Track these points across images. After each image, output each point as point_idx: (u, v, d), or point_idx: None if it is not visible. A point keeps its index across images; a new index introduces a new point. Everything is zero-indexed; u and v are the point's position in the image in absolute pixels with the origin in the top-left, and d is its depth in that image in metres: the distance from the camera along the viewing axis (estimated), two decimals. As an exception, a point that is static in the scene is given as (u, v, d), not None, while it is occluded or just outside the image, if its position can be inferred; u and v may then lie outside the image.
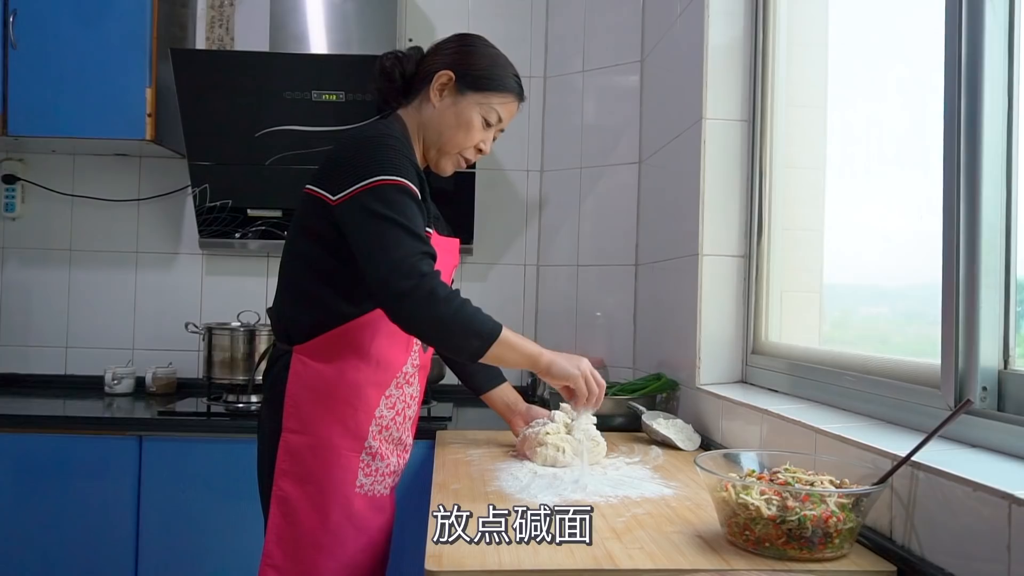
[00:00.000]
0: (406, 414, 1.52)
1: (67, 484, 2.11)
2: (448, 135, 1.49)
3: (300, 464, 1.40)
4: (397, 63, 1.52)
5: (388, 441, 1.48)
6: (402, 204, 1.33)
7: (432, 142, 1.51)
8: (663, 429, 1.77)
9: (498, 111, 1.50)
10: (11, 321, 2.71)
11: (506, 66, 1.52)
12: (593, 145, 2.61)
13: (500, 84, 1.49)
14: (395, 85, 1.53)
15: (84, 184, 2.72)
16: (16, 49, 2.35)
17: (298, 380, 1.41)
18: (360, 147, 1.39)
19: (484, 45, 1.53)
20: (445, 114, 1.48)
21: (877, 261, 1.58)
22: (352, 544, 1.42)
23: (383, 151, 1.37)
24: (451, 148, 1.50)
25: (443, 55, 1.50)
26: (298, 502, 1.40)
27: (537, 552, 1.02)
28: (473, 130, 1.49)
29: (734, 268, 1.86)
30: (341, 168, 1.38)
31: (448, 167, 1.54)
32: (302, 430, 1.40)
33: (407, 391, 1.52)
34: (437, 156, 1.52)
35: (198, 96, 2.37)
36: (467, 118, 1.48)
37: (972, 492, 0.89)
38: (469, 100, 1.48)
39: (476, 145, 1.52)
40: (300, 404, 1.41)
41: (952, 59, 1.11)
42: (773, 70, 1.82)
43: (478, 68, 1.48)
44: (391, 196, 1.33)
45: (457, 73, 1.47)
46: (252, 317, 2.54)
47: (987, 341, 1.07)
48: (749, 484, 1.02)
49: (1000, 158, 1.08)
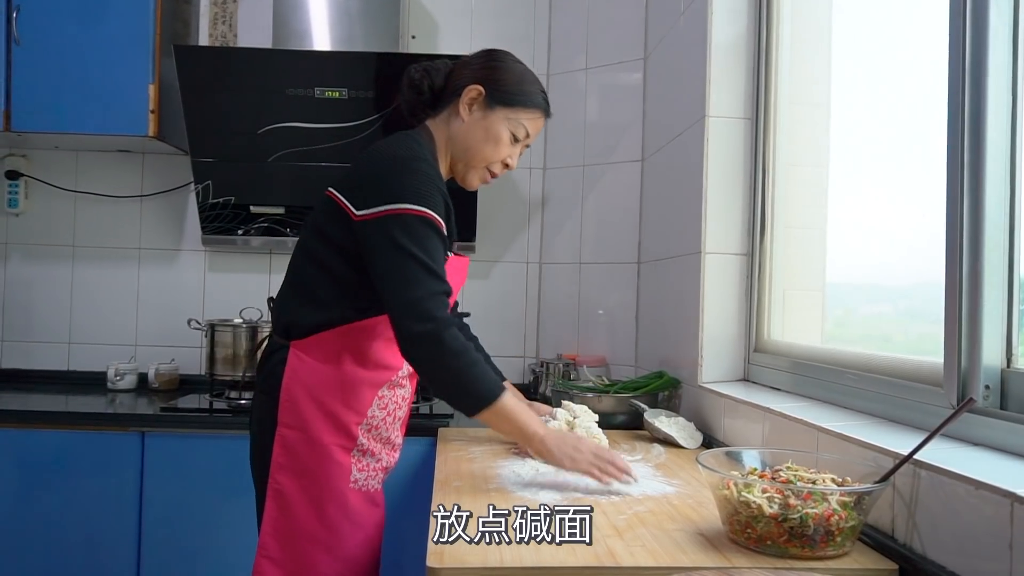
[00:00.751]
0: (396, 415, 1.53)
1: (70, 480, 2.11)
2: (476, 149, 1.50)
3: (296, 458, 1.41)
4: (426, 75, 1.53)
5: (377, 440, 1.49)
6: (425, 238, 1.35)
7: (460, 156, 1.52)
8: (665, 427, 1.77)
9: (526, 126, 1.51)
10: (14, 317, 2.72)
11: (534, 82, 1.53)
12: (596, 143, 2.61)
13: (529, 100, 1.50)
14: (423, 97, 1.54)
15: (87, 180, 2.72)
16: (20, 45, 2.35)
17: (294, 375, 1.42)
18: (391, 167, 1.39)
19: (513, 61, 1.54)
20: (474, 128, 1.49)
21: (880, 259, 1.58)
22: (349, 539, 1.43)
23: (413, 177, 1.37)
24: (479, 162, 1.51)
25: (472, 69, 1.51)
26: (294, 496, 1.41)
27: (539, 550, 1.02)
28: (501, 145, 1.50)
29: (737, 266, 1.86)
30: (368, 184, 1.39)
31: (475, 181, 1.55)
32: (297, 425, 1.41)
33: (399, 392, 1.53)
34: (464, 170, 1.53)
35: (201, 93, 2.37)
36: (496, 133, 1.49)
37: (974, 490, 0.89)
38: (498, 115, 1.49)
39: (503, 160, 1.53)
40: (295, 399, 1.42)
41: (956, 57, 1.11)
42: (776, 68, 1.82)
43: (507, 83, 1.49)
44: (416, 228, 1.34)
45: (487, 88, 1.48)
46: (254, 314, 2.54)
47: (990, 339, 1.07)
48: (751, 482, 1.02)
49: (1004, 156, 1.08)
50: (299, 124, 2.40)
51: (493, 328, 2.39)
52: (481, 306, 2.66)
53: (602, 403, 1.94)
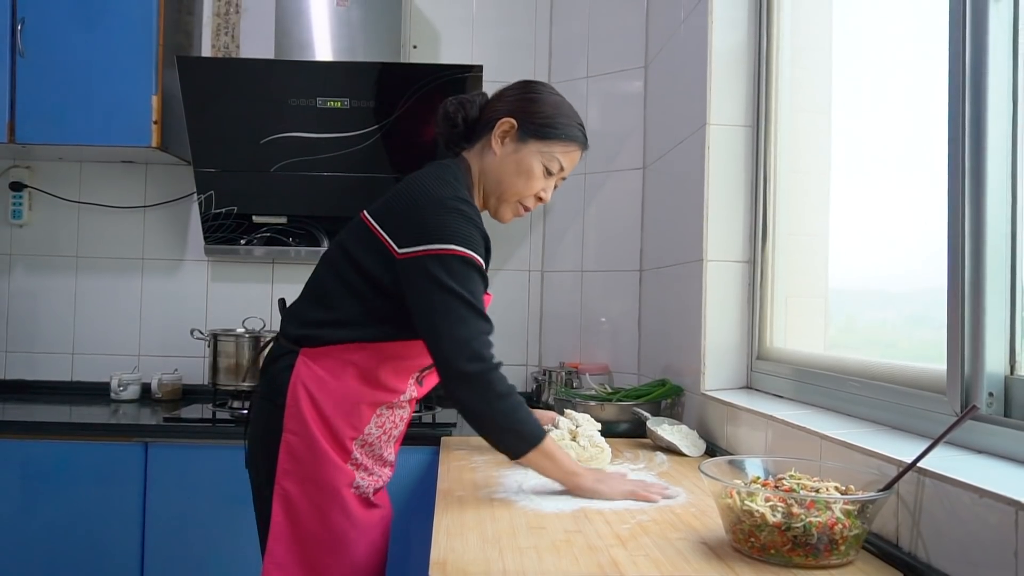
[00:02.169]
0: (391, 434, 1.54)
1: (73, 490, 2.11)
2: (508, 183, 1.49)
3: (300, 464, 1.42)
4: (460, 108, 1.52)
5: (370, 456, 1.50)
6: (469, 280, 1.35)
7: (492, 190, 1.51)
8: (668, 435, 1.77)
9: (560, 160, 1.48)
10: (18, 327, 2.72)
11: (570, 115, 1.50)
12: (597, 150, 2.61)
13: (563, 133, 1.48)
14: (458, 130, 1.53)
15: (90, 191, 2.73)
16: (24, 57, 2.36)
17: (299, 380, 1.42)
18: (435, 206, 1.38)
19: (549, 93, 1.51)
20: (506, 162, 1.48)
21: (882, 266, 1.58)
22: (355, 544, 1.43)
23: (458, 218, 1.37)
24: (511, 196, 1.50)
25: (506, 102, 1.50)
26: (299, 501, 1.42)
27: (542, 559, 1.02)
28: (534, 179, 1.48)
29: (739, 273, 1.86)
30: (412, 222, 1.39)
31: (507, 215, 1.54)
32: (301, 431, 1.42)
33: (398, 413, 1.53)
34: (497, 204, 1.53)
35: (204, 103, 2.38)
36: (528, 166, 1.47)
37: (978, 498, 0.88)
38: (531, 148, 1.47)
39: (536, 193, 1.51)
40: (300, 405, 1.42)
41: (956, 63, 1.11)
42: (777, 75, 1.82)
43: (541, 116, 1.47)
44: (460, 269, 1.35)
45: (519, 121, 1.46)
46: (257, 323, 2.54)
47: (993, 346, 1.06)
48: (754, 491, 1.02)
49: (1005, 162, 1.07)
50: (301, 134, 2.40)
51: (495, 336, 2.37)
52: (484, 314, 2.66)
53: (605, 411, 1.94)
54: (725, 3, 1.86)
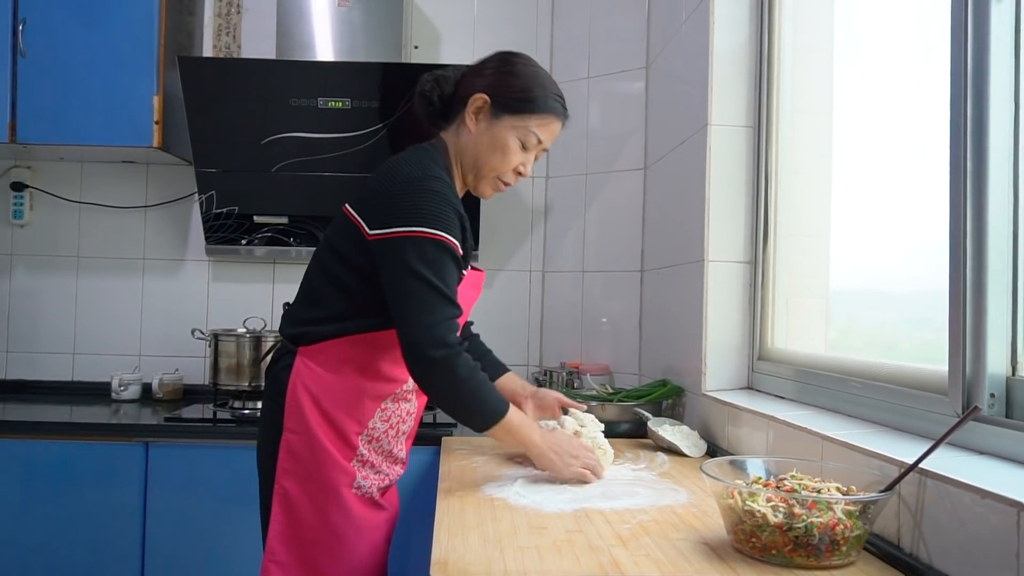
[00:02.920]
0: (400, 428, 1.53)
1: (74, 490, 2.11)
2: (484, 160, 1.47)
3: (300, 463, 1.42)
4: (436, 86, 1.51)
5: (378, 452, 1.49)
6: (439, 263, 1.35)
7: (469, 167, 1.50)
8: (669, 435, 1.77)
9: (536, 133, 1.47)
10: (19, 327, 2.72)
11: (546, 86, 1.48)
12: (598, 151, 2.61)
13: (537, 106, 1.45)
14: (434, 108, 1.52)
15: (92, 191, 2.73)
16: (25, 57, 2.36)
17: (299, 380, 1.43)
18: (405, 187, 1.38)
19: (524, 65, 1.49)
20: (481, 139, 1.47)
21: (884, 266, 1.58)
22: (354, 544, 1.43)
23: (428, 198, 1.36)
24: (487, 172, 1.49)
25: (481, 77, 1.48)
26: (299, 500, 1.41)
27: (543, 558, 1.02)
28: (510, 154, 1.47)
29: (740, 274, 1.86)
30: (382, 203, 1.39)
31: (487, 191, 1.53)
32: (301, 430, 1.42)
33: (404, 406, 1.52)
34: (475, 181, 1.52)
35: (205, 103, 2.38)
36: (503, 142, 1.46)
37: (980, 499, 0.88)
38: (505, 124, 1.45)
39: (515, 168, 1.50)
40: (300, 404, 1.42)
41: (958, 64, 1.11)
42: (778, 76, 1.82)
43: (514, 90, 1.45)
44: (430, 253, 1.34)
45: (492, 96, 1.45)
46: (258, 323, 2.54)
47: (995, 347, 1.06)
48: (755, 491, 1.01)
49: (1007, 163, 1.07)
50: (303, 134, 2.41)
51: (496, 336, 2.38)
52: (484, 315, 2.66)
53: (606, 411, 1.94)
54: (726, 4, 1.86)
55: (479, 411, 1.39)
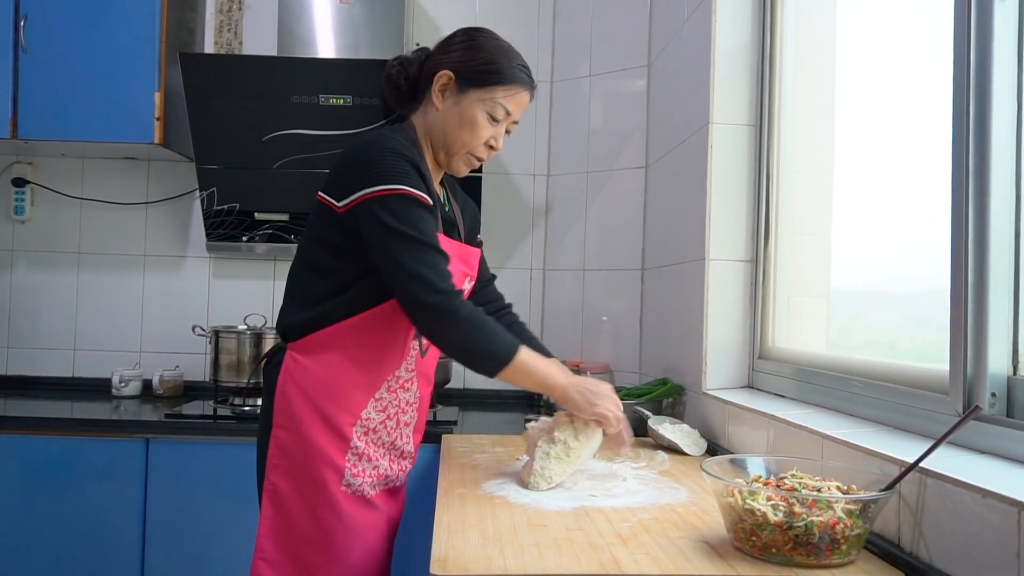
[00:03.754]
0: (400, 419, 1.51)
1: (74, 486, 2.11)
2: (453, 136, 1.47)
3: (289, 459, 1.41)
4: (401, 69, 1.50)
5: (377, 444, 1.48)
6: (409, 213, 1.35)
7: (439, 144, 1.50)
8: (669, 434, 1.76)
9: (504, 105, 1.45)
10: (20, 323, 2.72)
11: (510, 56, 1.47)
12: (600, 149, 2.61)
13: (503, 77, 1.44)
14: (402, 91, 1.52)
15: (93, 187, 2.73)
16: (27, 53, 2.36)
17: (288, 376, 1.42)
18: (362, 154, 1.40)
19: (486, 38, 1.48)
20: (448, 115, 1.46)
21: (885, 266, 1.58)
22: (343, 543, 1.41)
23: (385, 158, 1.37)
24: (458, 148, 1.48)
25: (445, 54, 1.47)
26: (288, 497, 1.41)
27: (543, 556, 1.02)
28: (478, 128, 1.45)
29: (741, 273, 1.86)
30: (345, 175, 1.40)
31: (461, 167, 1.52)
32: (290, 426, 1.41)
33: (402, 396, 1.51)
34: (447, 158, 1.51)
35: (206, 100, 2.38)
36: (470, 116, 1.45)
37: (981, 499, 0.88)
38: (471, 98, 1.44)
39: (486, 142, 1.49)
40: (289, 400, 1.42)
41: (961, 63, 1.11)
42: (780, 74, 1.82)
43: (478, 63, 1.44)
44: (397, 206, 1.35)
45: (456, 72, 1.44)
46: (259, 320, 2.54)
47: (996, 347, 1.06)
48: (756, 490, 1.01)
49: (1009, 162, 1.07)
50: (304, 131, 2.40)
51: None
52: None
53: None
54: (728, 2, 1.86)
55: (488, 352, 1.35)
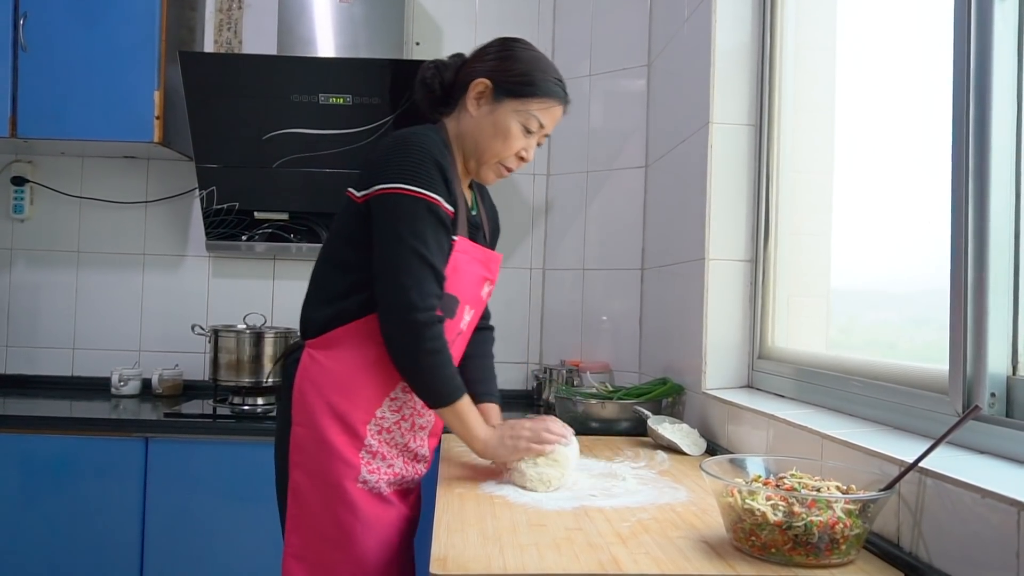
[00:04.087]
0: (415, 422, 1.50)
1: (73, 485, 2.12)
2: (485, 145, 1.47)
3: (308, 456, 1.42)
4: (437, 73, 1.51)
5: (390, 444, 1.47)
6: (415, 219, 1.35)
7: (470, 152, 1.50)
8: (669, 434, 1.76)
9: (538, 117, 1.46)
10: (19, 322, 2.72)
11: (547, 70, 1.48)
12: (599, 149, 2.61)
13: (539, 89, 1.45)
14: (435, 95, 1.52)
15: (92, 186, 2.73)
16: (26, 52, 2.36)
17: (305, 374, 1.43)
18: (392, 148, 1.40)
19: (523, 49, 1.49)
20: (482, 123, 1.46)
21: (885, 266, 1.58)
22: (360, 539, 1.41)
23: (413, 156, 1.37)
24: (489, 158, 1.48)
25: (481, 62, 1.48)
26: (308, 493, 1.42)
27: (542, 556, 1.02)
28: (511, 139, 1.46)
29: (741, 273, 1.86)
30: (371, 166, 1.41)
31: (489, 177, 1.52)
32: (307, 423, 1.42)
33: (418, 399, 1.48)
34: (477, 166, 1.51)
35: (206, 99, 2.38)
36: (504, 127, 1.45)
37: (980, 499, 0.88)
38: (506, 108, 1.45)
39: (517, 153, 1.49)
40: (306, 397, 1.42)
41: (961, 63, 1.11)
42: (780, 74, 1.82)
43: (515, 74, 1.45)
44: (411, 210, 1.35)
45: (494, 80, 1.45)
46: (258, 319, 2.54)
47: (996, 347, 1.06)
48: (755, 489, 1.01)
49: (1009, 162, 1.07)
50: (304, 130, 2.40)
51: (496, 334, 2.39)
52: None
53: (606, 409, 1.94)
54: (728, 2, 1.86)
55: (432, 388, 1.38)
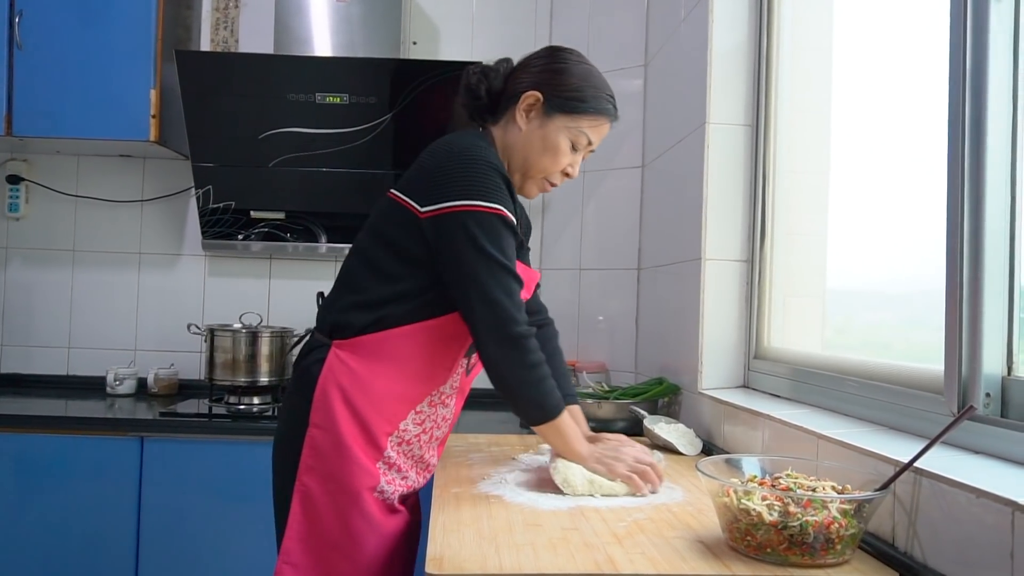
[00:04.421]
0: (433, 434, 1.47)
1: (68, 484, 2.11)
2: (534, 159, 1.42)
3: (324, 461, 1.35)
4: (483, 79, 1.46)
5: (407, 456, 1.42)
6: (500, 236, 1.31)
7: (517, 166, 1.45)
8: (665, 434, 1.77)
9: (588, 135, 1.42)
10: (14, 321, 2.72)
11: (599, 86, 1.44)
12: (597, 148, 2.60)
13: (591, 107, 1.41)
14: (481, 102, 1.47)
15: (88, 185, 2.72)
16: (22, 50, 2.36)
17: (331, 375, 1.36)
18: (459, 160, 1.33)
19: (576, 62, 1.44)
20: (531, 137, 1.42)
21: (880, 266, 1.58)
22: (371, 548, 1.37)
23: (485, 171, 1.32)
24: (536, 173, 1.44)
25: (532, 73, 1.43)
26: (320, 500, 1.35)
27: (538, 556, 1.02)
28: (560, 155, 1.42)
29: (737, 273, 1.86)
30: (435, 179, 1.33)
31: (533, 191, 1.49)
32: (327, 426, 1.35)
33: (440, 412, 1.46)
34: (521, 180, 1.46)
35: (202, 98, 2.37)
36: (554, 143, 1.41)
37: (975, 499, 0.88)
38: (557, 123, 1.40)
39: (563, 169, 1.46)
40: (329, 399, 1.35)
41: (956, 64, 1.11)
42: (776, 75, 1.82)
43: (568, 89, 1.40)
44: (490, 225, 1.30)
45: (545, 94, 1.40)
46: (254, 319, 2.54)
47: (990, 347, 1.07)
48: (751, 489, 1.01)
49: (1005, 163, 1.08)
50: (300, 129, 2.40)
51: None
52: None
53: (602, 409, 1.94)
54: (725, 2, 1.86)
55: (536, 403, 1.34)
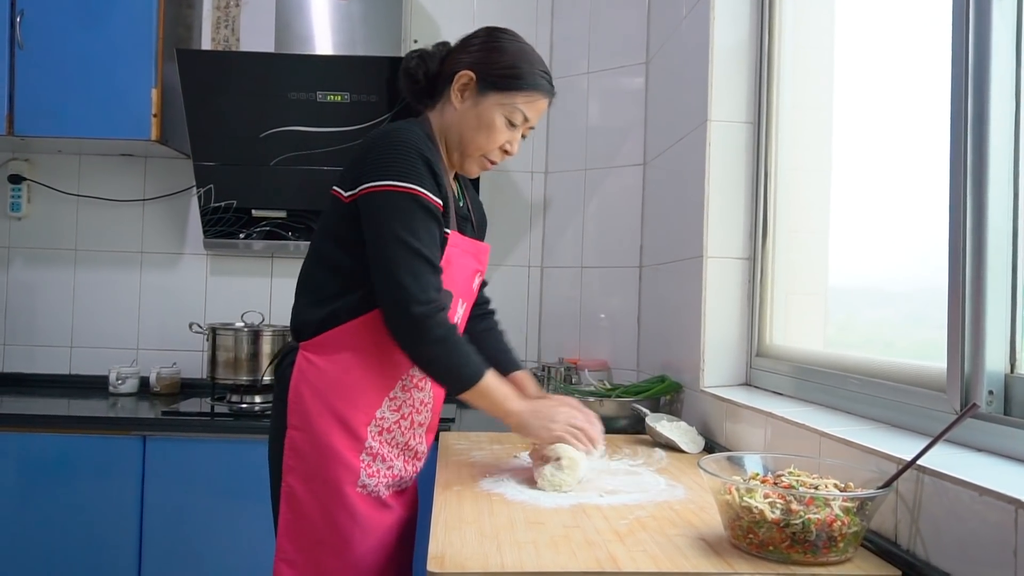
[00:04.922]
0: (414, 419, 1.50)
1: (71, 483, 2.11)
2: (469, 137, 1.46)
3: (304, 461, 1.40)
4: (421, 63, 1.49)
5: (391, 444, 1.46)
6: (410, 217, 1.34)
7: (454, 144, 1.48)
8: (667, 431, 1.76)
9: (523, 111, 1.44)
10: (16, 321, 2.72)
11: (532, 62, 1.46)
12: (598, 147, 2.61)
13: (524, 83, 1.43)
14: (419, 85, 1.50)
15: (89, 184, 2.72)
16: (23, 50, 2.36)
17: (301, 377, 1.41)
18: (375, 145, 1.39)
19: (509, 41, 1.47)
20: (466, 116, 1.45)
21: (883, 264, 1.58)
22: (359, 544, 1.40)
23: (397, 152, 1.36)
24: (473, 151, 1.47)
25: (466, 53, 1.46)
26: (304, 498, 1.40)
27: (540, 554, 1.02)
28: (495, 132, 1.44)
29: (739, 270, 1.86)
30: (356, 165, 1.39)
31: (473, 169, 1.52)
32: (303, 427, 1.40)
33: (416, 396, 1.49)
34: (460, 159, 1.50)
35: (203, 97, 2.37)
36: (488, 120, 1.43)
37: (978, 496, 0.88)
38: (491, 101, 1.43)
39: (501, 146, 1.48)
40: (303, 401, 1.40)
41: (959, 61, 1.11)
42: (778, 72, 1.82)
43: (500, 67, 1.43)
44: (402, 206, 1.34)
45: (478, 73, 1.43)
46: (256, 317, 2.54)
47: (993, 345, 1.06)
48: (753, 487, 1.01)
49: (1007, 160, 1.07)
50: (301, 128, 2.40)
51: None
52: (483, 310, 2.66)
53: (604, 407, 1.94)
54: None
55: (452, 373, 1.37)
